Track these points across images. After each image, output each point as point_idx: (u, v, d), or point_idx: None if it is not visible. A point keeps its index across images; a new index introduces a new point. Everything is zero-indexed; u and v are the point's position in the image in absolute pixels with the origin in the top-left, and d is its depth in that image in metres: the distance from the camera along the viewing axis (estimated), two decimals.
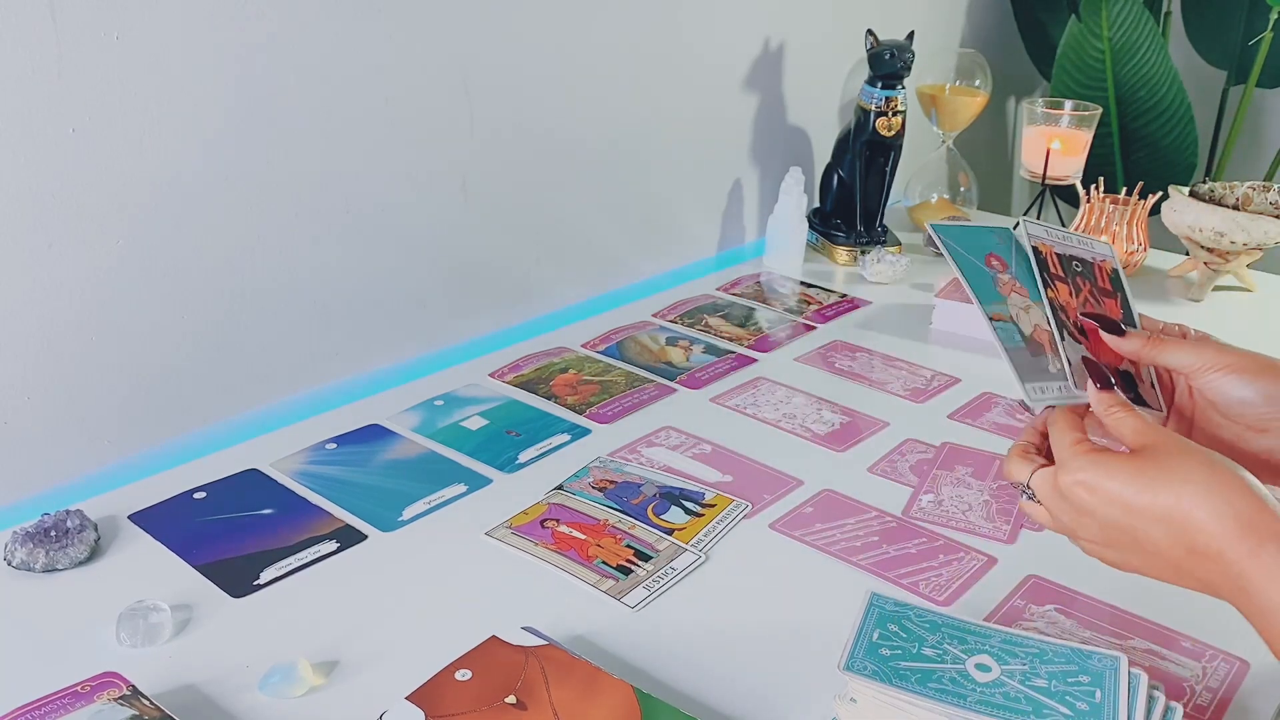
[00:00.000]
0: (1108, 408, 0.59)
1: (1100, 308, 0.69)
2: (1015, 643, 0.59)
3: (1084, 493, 0.55)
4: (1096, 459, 0.56)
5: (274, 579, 0.74)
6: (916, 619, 0.61)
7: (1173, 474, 0.53)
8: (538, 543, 0.78)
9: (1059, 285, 0.69)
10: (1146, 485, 0.53)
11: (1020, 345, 0.66)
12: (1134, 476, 0.54)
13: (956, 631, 0.60)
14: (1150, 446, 0.55)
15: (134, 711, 0.59)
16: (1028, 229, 0.70)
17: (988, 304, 0.68)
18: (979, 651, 0.58)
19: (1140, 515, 0.54)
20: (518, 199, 1.11)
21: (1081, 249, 0.73)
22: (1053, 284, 0.69)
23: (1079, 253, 0.72)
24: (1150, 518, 0.53)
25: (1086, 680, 0.56)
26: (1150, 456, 0.54)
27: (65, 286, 0.79)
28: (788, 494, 0.85)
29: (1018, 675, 0.56)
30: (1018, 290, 0.69)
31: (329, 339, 0.98)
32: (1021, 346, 0.66)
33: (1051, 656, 0.58)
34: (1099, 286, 0.71)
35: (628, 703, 0.60)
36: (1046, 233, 0.72)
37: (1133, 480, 0.54)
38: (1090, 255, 0.73)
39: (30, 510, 0.78)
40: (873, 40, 1.30)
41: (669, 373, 1.07)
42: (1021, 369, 0.65)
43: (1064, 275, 0.70)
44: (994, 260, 0.71)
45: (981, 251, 0.71)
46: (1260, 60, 1.78)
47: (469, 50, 1.00)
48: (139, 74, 0.78)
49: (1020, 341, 0.66)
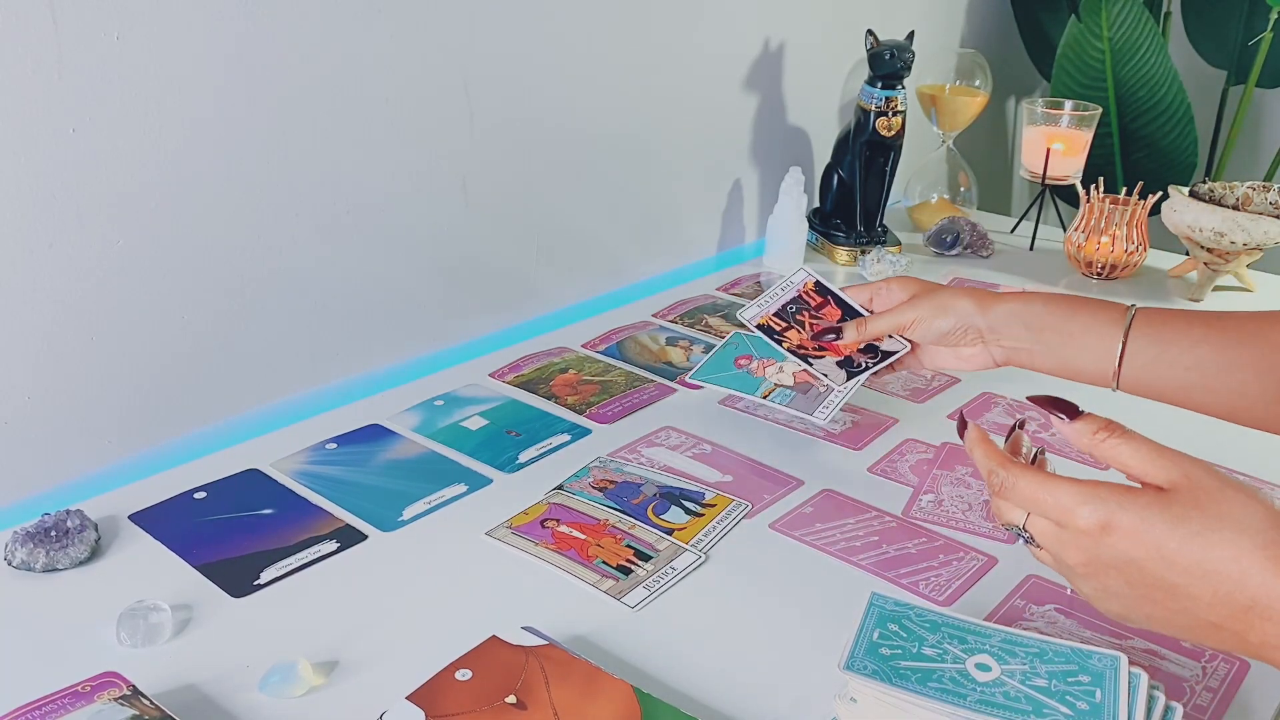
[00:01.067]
0: (1096, 435, 0.53)
1: (822, 321, 0.89)
2: (1015, 642, 0.59)
3: (1118, 541, 0.49)
4: (1124, 501, 0.50)
5: (274, 579, 0.74)
6: (917, 619, 0.61)
7: (1223, 520, 0.47)
8: (538, 543, 0.78)
9: (789, 334, 0.89)
10: (1194, 534, 0.47)
11: (791, 396, 0.88)
12: (1177, 523, 0.48)
13: (957, 631, 0.60)
14: (1182, 484, 0.49)
15: (134, 711, 0.59)
16: (743, 318, 0.91)
17: (756, 392, 0.90)
18: (979, 651, 0.58)
19: (1185, 570, 0.48)
20: (518, 199, 1.11)
21: (786, 292, 0.92)
22: (784, 337, 0.89)
23: (786, 296, 0.92)
24: (1197, 572, 0.47)
25: (1087, 680, 0.56)
26: (1189, 497, 0.48)
27: (65, 286, 0.79)
28: (788, 494, 0.85)
29: (1018, 675, 0.56)
30: (768, 365, 0.92)
31: (329, 339, 0.98)
32: (792, 396, 0.88)
33: (1052, 656, 0.58)
34: (812, 309, 0.90)
35: (628, 702, 0.60)
36: (759, 308, 0.91)
37: (1176, 527, 0.48)
38: (795, 290, 0.92)
39: (31, 510, 0.78)
40: (873, 40, 1.30)
41: (669, 373, 1.07)
42: (802, 407, 0.86)
43: (788, 324, 0.90)
44: (741, 360, 0.94)
45: (729, 363, 0.94)
46: (1260, 60, 1.78)
47: (469, 50, 1.00)
48: (139, 74, 0.78)
49: (790, 394, 0.88)
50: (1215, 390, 0.68)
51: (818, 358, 0.88)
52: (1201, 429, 0.76)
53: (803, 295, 0.91)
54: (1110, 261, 1.33)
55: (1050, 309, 0.75)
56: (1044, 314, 0.75)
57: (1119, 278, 1.35)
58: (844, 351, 0.87)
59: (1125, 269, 1.34)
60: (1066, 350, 0.74)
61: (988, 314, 0.78)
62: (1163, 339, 0.69)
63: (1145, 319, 0.71)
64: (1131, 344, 0.70)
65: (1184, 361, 0.68)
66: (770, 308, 0.91)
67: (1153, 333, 0.70)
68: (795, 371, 0.90)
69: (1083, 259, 1.34)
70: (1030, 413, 0.92)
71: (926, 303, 0.81)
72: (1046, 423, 0.97)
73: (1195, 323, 0.69)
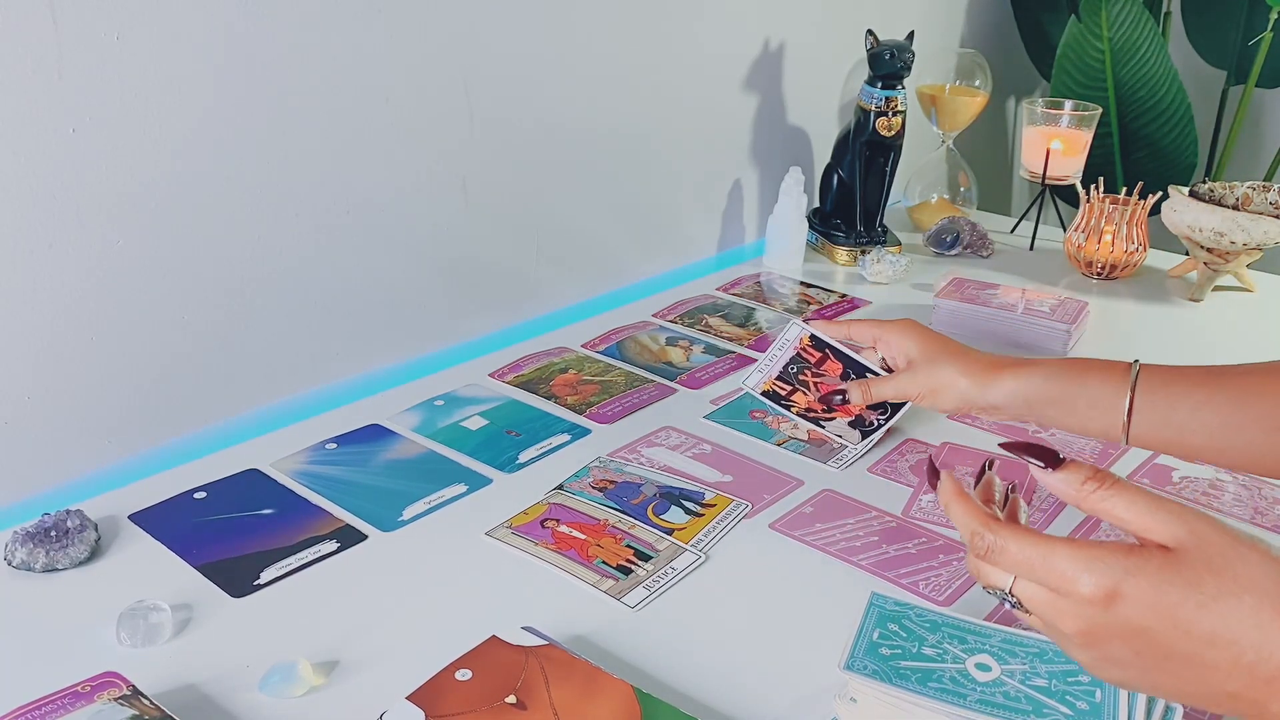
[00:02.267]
0: (1085, 487, 0.47)
1: (825, 378, 0.90)
2: (1015, 642, 0.59)
3: (1126, 609, 0.44)
4: (1131, 566, 0.44)
5: (274, 579, 0.74)
6: (917, 618, 0.61)
7: (1240, 583, 0.43)
8: (538, 543, 0.78)
9: (795, 398, 0.91)
10: (1211, 599, 0.43)
11: (805, 448, 0.90)
12: (1191, 589, 0.43)
13: (957, 631, 0.60)
14: (1189, 541, 0.44)
15: (134, 711, 0.59)
16: (746, 387, 0.93)
17: (770, 441, 0.92)
18: (979, 651, 0.58)
19: (1202, 639, 0.43)
20: (518, 199, 1.11)
21: (784, 352, 0.93)
22: (791, 401, 0.91)
23: (785, 356, 0.92)
24: (1216, 642, 0.43)
25: (1086, 679, 0.56)
26: (1200, 557, 0.44)
27: (65, 286, 0.79)
28: (788, 494, 0.85)
29: (1018, 675, 0.56)
30: (782, 421, 0.94)
31: (329, 339, 0.98)
32: (806, 448, 0.90)
33: (1052, 656, 0.58)
34: (813, 365, 0.91)
35: (628, 702, 0.60)
36: (760, 374, 0.93)
37: (1190, 593, 0.43)
38: (793, 348, 0.92)
39: (31, 510, 0.78)
40: (873, 40, 1.30)
41: (669, 373, 1.07)
42: (817, 458, 0.89)
43: (792, 386, 0.91)
44: (754, 414, 0.96)
45: (744, 413, 0.96)
46: (1260, 60, 1.78)
47: (469, 50, 1.00)
48: (139, 74, 0.78)
49: (804, 446, 0.90)
50: (1225, 450, 0.67)
51: (829, 419, 0.90)
52: None
53: (800, 353, 0.91)
54: (1110, 261, 1.33)
55: (1050, 382, 0.74)
56: (1044, 387, 0.74)
57: (1119, 277, 1.35)
58: (854, 412, 0.90)
59: (1125, 269, 1.34)
60: (1071, 420, 0.73)
61: (986, 393, 0.77)
62: (1168, 401, 0.69)
63: (1148, 383, 0.70)
64: (1137, 413, 0.69)
65: (1190, 426, 0.68)
66: (772, 371, 0.92)
67: (1157, 398, 0.69)
68: (809, 430, 0.93)
69: (1083, 259, 1.34)
70: None
71: (925, 379, 0.81)
72: None
73: (1197, 384, 0.68)
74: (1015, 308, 1.15)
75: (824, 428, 0.91)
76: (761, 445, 0.92)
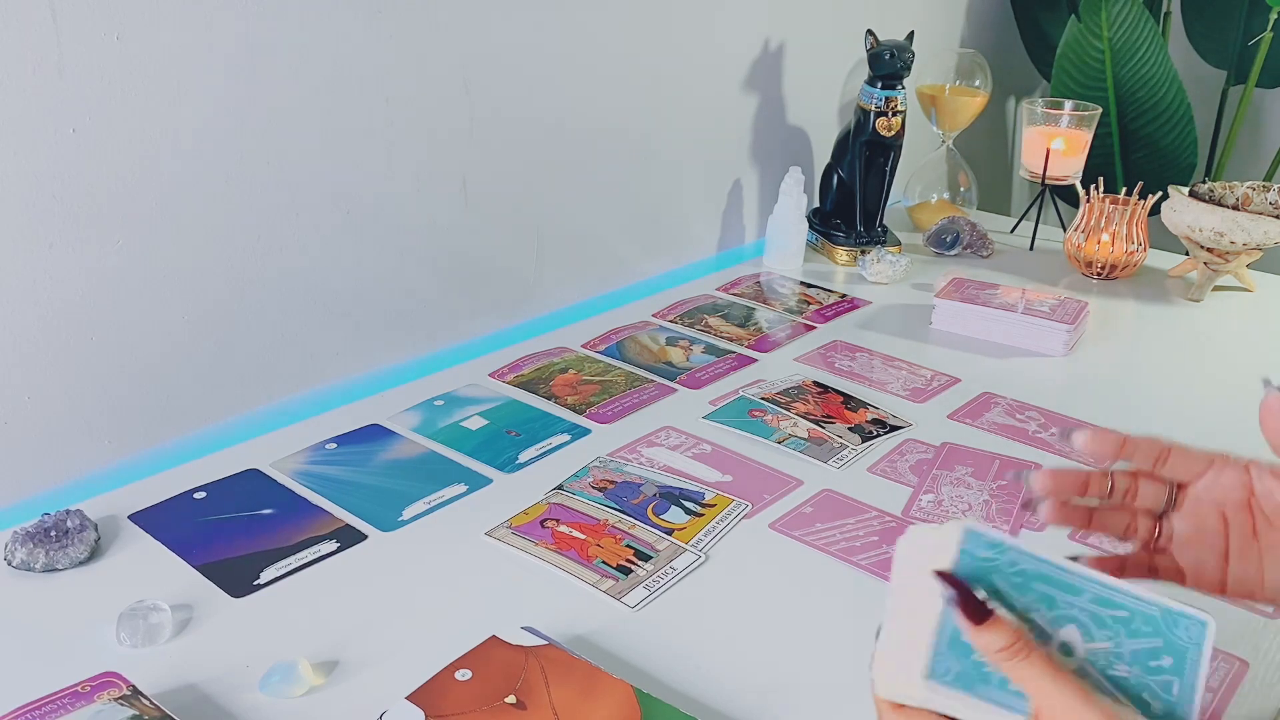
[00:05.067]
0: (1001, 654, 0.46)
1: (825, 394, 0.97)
2: (1107, 603, 0.51)
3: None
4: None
5: (274, 579, 0.74)
6: (1009, 569, 0.51)
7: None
8: (538, 543, 0.78)
9: (796, 405, 0.97)
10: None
11: (805, 445, 0.92)
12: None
13: (1049, 586, 0.51)
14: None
15: (134, 711, 0.59)
16: (744, 394, 0.98)
17: (770, 438, 0.93)
18: (1067, 621, 0.50)
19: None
20: (518, 199, 1.11)
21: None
22: (790, 403, 0.96)
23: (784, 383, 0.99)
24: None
25: (1169, 662, 0.50)
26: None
27: (65, 286, 0.79)
28: (787, 494, 0.85)
29: (1100, 658, 0.49)
30: (781, 419, 0.96)
31: (329, 339, 0.98)
32: (806, 445, 0.92)
33: (1139, 625, 0.50)
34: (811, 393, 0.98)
35: (628, 703, 0.60)
36: (759, 389, 0.96)
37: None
38: (796, 382, 0.98)
39: (30, 510, 0.78)
40: (873, 40, 1.30)
41: (669, 373, 1.07)
42: (817, 456, 0.90)
43: (787, 399, 0.98)
44: (754, 412, 0.97)
45: (743, 412, 0.97)
46: (1260, 60, 1.78)
47: (469, 50, 1.00)
48: (139, 74, 0.78)
49: (804, 444, 0.92)
50: None
51: (829, 423, 0.93)
52: (1208, 428, 0.76)
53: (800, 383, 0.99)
54: (1110, 261, 1.33)
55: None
56: None
57: (1119, 277, 1.35)
58: (852, 420, 0.94)
59: (1125, 269, 1.34)
60: None
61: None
62: None
63: None
64: None
65: None
66: (775, 388, 1.00)
67: None
68: (809, 428, 0.94)
69: (1083, 259, 1.34)
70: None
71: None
72: (1046, 423, 0.97)
73: None
74: (1015, 308, 1.16)
75: (824, 428, 0.92)
76: (761, 445, 0.92)
